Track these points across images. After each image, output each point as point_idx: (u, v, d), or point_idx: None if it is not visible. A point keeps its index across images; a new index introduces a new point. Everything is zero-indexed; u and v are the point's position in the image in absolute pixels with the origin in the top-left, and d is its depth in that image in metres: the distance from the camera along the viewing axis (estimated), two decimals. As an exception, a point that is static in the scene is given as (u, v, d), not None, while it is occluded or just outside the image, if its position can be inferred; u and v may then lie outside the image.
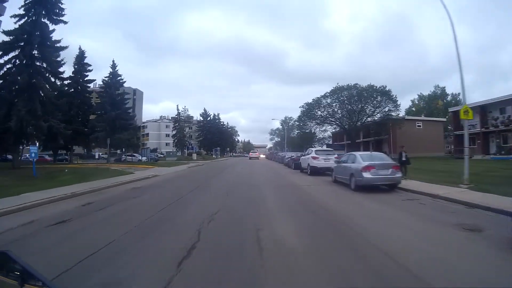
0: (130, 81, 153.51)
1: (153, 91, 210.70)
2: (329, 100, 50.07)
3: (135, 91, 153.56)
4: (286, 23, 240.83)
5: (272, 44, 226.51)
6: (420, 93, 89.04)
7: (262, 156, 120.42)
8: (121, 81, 48.42)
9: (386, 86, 48.33)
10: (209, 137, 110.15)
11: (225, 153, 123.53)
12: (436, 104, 79.35)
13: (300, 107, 52.19)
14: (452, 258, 4.96)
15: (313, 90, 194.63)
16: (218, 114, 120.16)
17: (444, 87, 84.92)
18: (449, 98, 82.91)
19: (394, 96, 48.27)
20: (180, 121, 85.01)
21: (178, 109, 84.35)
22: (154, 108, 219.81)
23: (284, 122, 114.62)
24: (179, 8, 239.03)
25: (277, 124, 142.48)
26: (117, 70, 48.74)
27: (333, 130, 58.09)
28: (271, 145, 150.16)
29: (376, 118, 50.76)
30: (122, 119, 46.20)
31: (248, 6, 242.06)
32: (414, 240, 6.02)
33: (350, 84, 48.61)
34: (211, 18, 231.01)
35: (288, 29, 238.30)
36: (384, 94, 48.02)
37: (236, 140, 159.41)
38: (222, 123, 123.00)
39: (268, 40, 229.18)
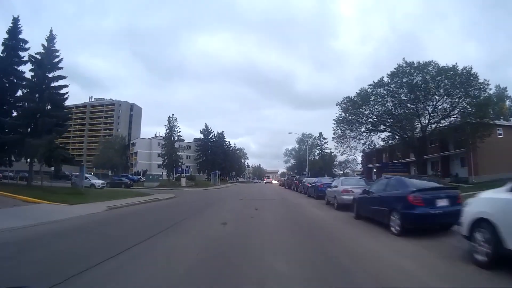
0: (138, 100, 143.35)
1: (162, 112, 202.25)
2: (392, 87, 31.08)
3: (132, 106, 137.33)
4: (296, 45, 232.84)
5: (282, 67, 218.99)
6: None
7: (274, 182, 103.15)
8: (57, 59, 30.50)
9: (471, 68, 29.70)
10: (211, 158, 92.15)
11: (231, 178, 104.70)
12: (501, 108, 59.86)
13: (337, 104, 33.58)
14: None
15: (324, 114, 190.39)
16: (222, 132, 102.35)
17: (506, 87, 65.15)
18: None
19: (485, 83, 29.57)
20: (170, 138, 66.78)
21: (169, 121, 65.64)
22: (163, 130, 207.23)
23: (302, 140, 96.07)
24: (188, 30, 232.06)
25: (293, 143, 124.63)
26: (55, 43, 30.96)
27: (390, 141, 37.14)
28: (285, 170, 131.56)
29: (450, 121, 31.87)
30: (48, 116, 28.18)
31: (258, 28, 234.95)
32: None
33: (420, 63, 29.95)
34: (221, 40, 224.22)
35: (298, 51, 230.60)
36: (468, 82, 29.32)
37: (246, 164, 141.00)
38: (227, 142, 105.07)
39: (278, 62, 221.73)
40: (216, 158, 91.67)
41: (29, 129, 28.38)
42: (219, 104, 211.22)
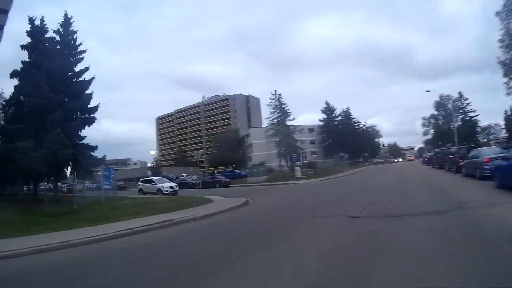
0: (263, 97, 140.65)
1: (291, 105, 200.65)
2: None
3: (248, 98, 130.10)
4: (405, 15, 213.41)
5: (397, 40, 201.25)
6: None
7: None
8: (75, 41, 21.37)
9: None
10: (338, 140, 77.70)
11: (367, 160, 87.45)
12: None
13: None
14: None
15: (450, 83, 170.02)
16: (347, 109, 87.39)
17: None
18: None
19: None
20: (282, 120, 55.11)
21: (277, 98, 53.78)
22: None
23: (440, 105, 74.33)
24: (294, 20, 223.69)
25: (427, 112, 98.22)
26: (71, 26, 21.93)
27: None
28: (422, 145, 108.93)
29: None
30: (74, 108, 19.05)
31: (364, 3, 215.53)
32: None
33: None
34: (330, 23, 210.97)
35: (409, 20, 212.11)
36: None
37: (380, 143, 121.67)
38: (355, 120, 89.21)
39: (392, 36, 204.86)
40: (344, 139, 76.89)
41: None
42: (343, 88, 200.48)
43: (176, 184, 29.46)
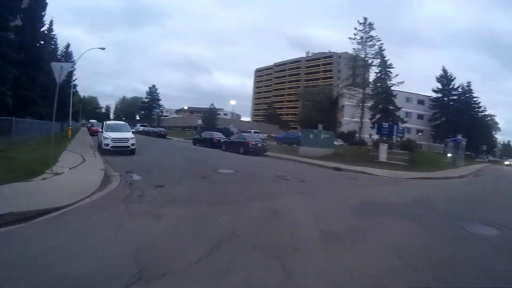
0: None
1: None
2: None
3: (355, 58, 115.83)
4: None
5: None
6: None
7: None
8: None
9: None
10: (453, 121, 62.19)
11: (480, 154, 70.65)
12: None
13: None
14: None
15: None
16: (468, 84, 69.18)
17: None
18: None
19: None
20: (380, 77, 43.96)
21: (366, 27, 38.80)
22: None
23: None
24: None
25: None
26: None
27: None
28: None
29: None
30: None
31: None
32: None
33: None
34: (449, 2, 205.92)
35: None
36: None
37: (495, 137, 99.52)
38: (475, 100, 70.36)
39: None
40: (460, 122, 60.98)
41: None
42: (455, 73, 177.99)
43: (129, 138, 18.44)
